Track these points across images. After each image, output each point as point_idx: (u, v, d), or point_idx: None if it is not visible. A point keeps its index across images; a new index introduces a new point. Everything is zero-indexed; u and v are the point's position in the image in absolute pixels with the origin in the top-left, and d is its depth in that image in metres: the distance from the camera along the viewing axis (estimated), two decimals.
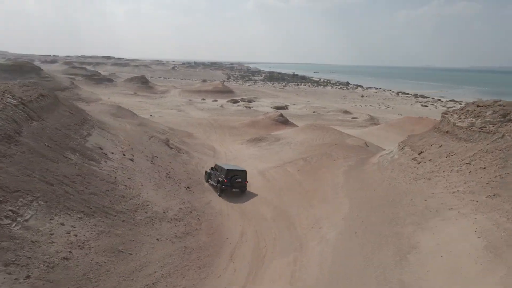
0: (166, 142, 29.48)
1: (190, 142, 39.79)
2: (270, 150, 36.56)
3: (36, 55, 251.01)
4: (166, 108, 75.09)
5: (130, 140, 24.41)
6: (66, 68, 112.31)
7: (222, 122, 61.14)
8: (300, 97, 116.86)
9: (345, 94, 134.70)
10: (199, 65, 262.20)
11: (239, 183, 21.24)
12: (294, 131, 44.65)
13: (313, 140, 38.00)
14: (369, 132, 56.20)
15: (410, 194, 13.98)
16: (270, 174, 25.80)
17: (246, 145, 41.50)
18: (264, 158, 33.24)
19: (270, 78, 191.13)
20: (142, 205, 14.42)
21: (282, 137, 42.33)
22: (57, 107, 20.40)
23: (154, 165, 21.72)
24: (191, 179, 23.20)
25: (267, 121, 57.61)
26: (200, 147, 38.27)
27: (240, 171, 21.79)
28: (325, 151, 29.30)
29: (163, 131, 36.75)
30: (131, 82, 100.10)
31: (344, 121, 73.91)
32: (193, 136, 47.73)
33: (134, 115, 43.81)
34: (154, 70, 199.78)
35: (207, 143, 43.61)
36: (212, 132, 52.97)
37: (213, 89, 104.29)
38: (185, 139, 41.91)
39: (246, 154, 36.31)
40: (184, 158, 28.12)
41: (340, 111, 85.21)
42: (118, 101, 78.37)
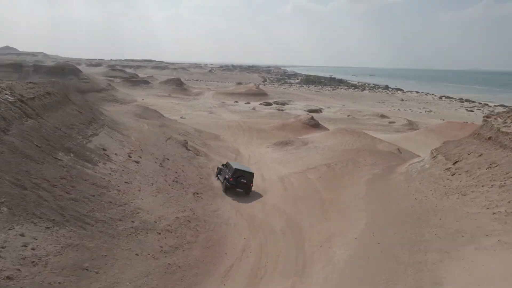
0: (184, 144, 28.27)
1: (213, 144, 38.54)
2: (295, 155, 34.48)
3: (84, 59, 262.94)
4: (198, 110, 74.79)
5: (143, 141, 23.33)
6: (106, 71, 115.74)
7: (251, 124, 59.69)
8: (335, 101, 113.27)
9: (383, 98, 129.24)
10: (236, 68, 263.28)
11: (244, 184, 21.18)
12: (324, 135, 42.24)
13: (342, 145, 35.49)
14: (406, 137, 52.49)
15: (439, 212, 11.57)
16: (290, 181, 23.80)
17: (271, 149, 39.65)
18: (287, 163, 31.25)
19: (306, 81, 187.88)
20: (131, 213, 13.00)
21: (310, 141, 40.09)
22: (64, 105, 19.62)
23: (162, 168, 20.42)
24: (202, 184, 21.70)
25: (297, 124, 55.43)
26: (223, 149, 36.88)
27: (247, 172, 21.53)
28: (352, 157, 26.86)
29: (185, 133, 35.73)
30: (166, 84, 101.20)
31: (380, 126, 70.19)
32: (219, 138, 46.54)
33: (160, 116, 43.28)
34: (192, 73, 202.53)
35: (232, 145, 42.23)
36: (240, 134, 51.59)
37: (246, 91, 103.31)
38: (209, 141, 40.75)
39: (270, 158, 34.47)
40: (201, 161, 26.74)
41: (376, 115, 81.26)
42: (152, 103, 79.15)
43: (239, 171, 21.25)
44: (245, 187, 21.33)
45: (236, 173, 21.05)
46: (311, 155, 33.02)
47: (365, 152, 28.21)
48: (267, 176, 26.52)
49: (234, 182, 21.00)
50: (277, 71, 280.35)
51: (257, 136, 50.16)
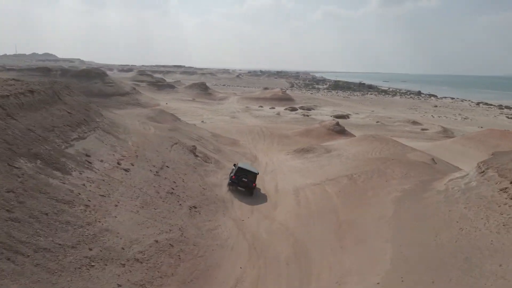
0: (192, 150, 25.67)
1: (229, 150, 35.84)
2: (315, 163, 31.16)
3: (116, 64, 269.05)
4: (221, 115, 72.60)
5: (142, 146, 20.87)
6: (134, 75, 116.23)
7: (274, 130, 56.71)
8: (364, 106, 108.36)
9: (415, 104, 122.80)
10: (263, 74, 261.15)
11: (245, 183, 21.00)
12: (349, 142, 38.61)
13: (368, 153, 31.83)
14: (440, 145, 47.79)
15: (498, 253, 8.21)
16: (305, 194, 20.60)
17: (291, 156, 36.49)
18: (306, 172, 28.01)
19: (334, 87, 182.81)
20: (93, 237, 10.33)
21: (333, 149, 36.62)
22: (50, 105, 17.42)
23: (158, 177, 17.81)
24: (204, 195, 18.92)
25: (322, 130, 51.92)
26: (238, 156, 34.09)
27: (249, 172, 21.38)
28: (379, 167, 23.32)
29: (198, 138, 33.21)
30: (191, 88, 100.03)
31: (412, 133, 65.34)
32: (238, 143, 43.88)
33: (175, 120, 41.11)
34: (219, 78, 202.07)
35: (250, 151, 39.42)
36: (261, 140, 48.74)
37: (272, 96, 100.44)
38: (225, 146, 38.12)
39: (288, 166, 31.34)
40: (209, 169, 24.01)
41: (407, 122, 76.18)
42: (175, 107, 77.80)
43: (242, 170, 21.31)
44: (246, 186, 21.07)
45: (239, 171, 21.20)
46: (332, 164, 29.62)
47: (394, 162, 24.55)
48: (281, 186, 23.47)
49: (236, 180, 21.05)
50: (305, 77, 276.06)
51: (278, 142, 47.13)
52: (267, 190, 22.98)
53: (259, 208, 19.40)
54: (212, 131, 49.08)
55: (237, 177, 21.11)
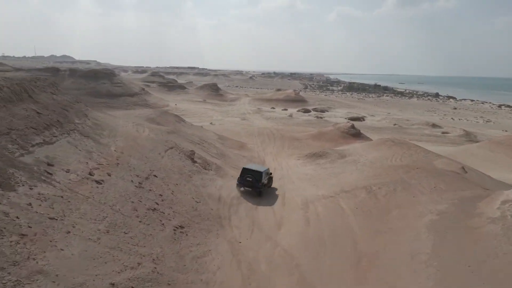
0: (190, 155, 22.71)
1: (235, 154, 32.83)
2: (328, 170, 27.84)
3: (132, 66, 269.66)
4: (231, 116, 69.72)
5: (128, 151, 18.00)
6: (145, 76, 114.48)
7: (285, 132, 53.51)
8: (380, 108, 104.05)
9: (433, 106, 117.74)
10: (277, 75, 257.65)
11: (250, 182, 20.23)
12: (365, 146, 35.12)
13: (388, 160, 28.36)
14: (466, 150, 43.77)
15: None
16: (315, 209, 17.38)
17: (302, 161, 33.24)
18: (317, 180, 24.75)
19: (349, 89, 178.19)
20: (15, 284, 7.36)
21: (348, 153, 33.22)
22: (13, 103, 14.66)
23: (140, 189, 14.87)
24: (197, 210, 15.90)
25: (335, 133, 48.43)
26: (244, 161, 31.01)
27: (254, 171, 20.55)
28: (402, 177, 19.93)
29: (200, 141, 30.26)
30: (201, 89, 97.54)
31: (432, 136, 61.19)
32: (245, 147, 40.86)
33: (179, 122, 38.29)
34: (232, 79, 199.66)
35: (259, 155, 36.33)
36: (271, 143, 45.60)
37: (284, 97, 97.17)
38: (231, 150, 35.14)
39: (298, 173, 28.10)
40: (208, 177, 21.00)
41: (426, 125, 71.87)
42: (184, 108, 75.30)
43: (246, 170, 20.69)
44: (252, 185, 20.21)
45: (243, 172, 20.67)
46: (348, 172, 26.25)
47: (419, 172, 21.08)
48: (289, 198, 20.29)
49: (241, 181, 20.52)
50: (319, 78, 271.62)
51: (289, 146, 43.89)
52: (273, 201, 19.86)
53: (262, 225, 16.29)
54: (219, 133, 46.23)
55: (241, 178, 20.53)
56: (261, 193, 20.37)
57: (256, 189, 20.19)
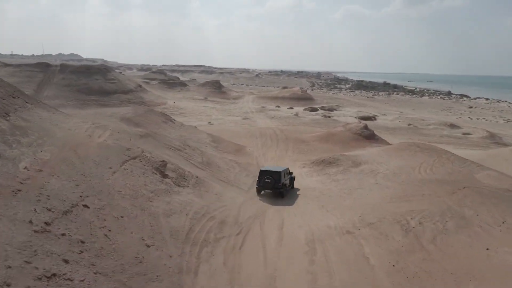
0: (159, 167, 16.95)
1: (228, 161, 27.03)
2: (341, 183, 21.90)
3: (138, 64, 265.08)
4: (232, 115, 63.94)
5: (55, 168, 12.28)
6: (146, 73, 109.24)
7: (290, 133, 47.60)
8: (391, 107, 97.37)
9: (447, 105, 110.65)
10: (284, 73, 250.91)
11: (269, 183, 19.16)
12: (384, 152, 29.06)
13: (415, 171, 22.37)
14: (497, 155, 37.31)
15: None
16: (324, 254, 11.51)
17: (308, 169, 27.35)
18: (327, 199, 18.83)
19: (358, 87, 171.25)
20: None
21: (363, 161, 27.23)
22: None
23: (43, 235, 9.11)
24: (142, 263, 10.11)
25: (346, 135, 42.29)
26: (239, 170, 25.23)
27: (273, 172, 19.43)
28: (447, 202, 14.00)
29: (181, 146, 24.43)
30: (203, 87, 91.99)
31: (452, 138, 54.69)
32: (243, 151, 35.07)
33: (165, 122, 32.55)
34: (238, 77, 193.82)
35: (257, 162, 30.52)
36: (273, 145, 39.77)
37: (290, 95, 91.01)
38: (225, 156, 29.37)
39: (303, 187, 22.21)
40: (178, 200, 15.23)
41: (444, 125, 65.20)
42: (183, 106, 69.71)
43: (264, 172, 19.71)
44: (273, 187, 19.24)
45: (261, 174, 19.75)
46: (366, 187, 20.30)
47: (469, 193, 15.07)
48: (288, 230, 14.43)
49: (261, 184, 19.58)
50: (327, 77, 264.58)
51: (294, 149, 38.02)
52: (266, 235, 14.05)
53: (244, 285, 10.42)
54: (216, 134, 40.59)
55: (260, 180, 19.57)
56: (283, 193, 19.43)
57: (277, 190, 19.22)
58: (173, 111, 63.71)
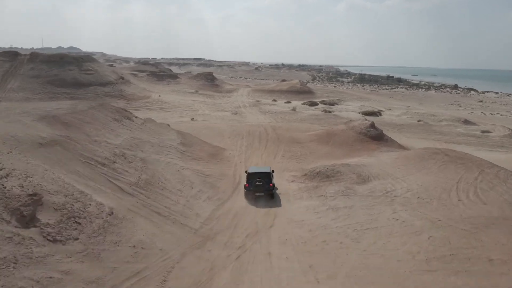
0: (19, 209, 9.57)
1: (185, 175, 19.55)
2: (342, 216, 14.47)
3: (136, 58, 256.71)
4: (220, 110, 56.27)
5: None
6: (136, 65, 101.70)
7: (283, 131, 40.06)
8: (396, 101, 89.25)
9: (456, 99, 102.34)
10: (284, 67, 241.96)
11: (260, 186, 17.94)
12: (400, 161, 21.53)
13: (451, 194, 14.97)
14: None
15: None
16: None
17: (298, 185, 19.89)
18: (319, 253, 11.42)
19: (360, 80, 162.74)
20: None
21: (373, 174, 19.76)
22: None
23: None
24: None
25: (349, 135, 34.65)
26: (199, 190, 17.83)
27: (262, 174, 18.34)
28: None
29: (114, 156, 16.93)
30: (195, 79, 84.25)
31: (471, 137, 46.78)
32: (220, 155, 27.67)
33: (118, 120, 25.04)
34: (237, 70, 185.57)
35: (234, 173, 23.11)
36: (261, 148, 32.34)
37: (288, 89, 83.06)
38: (190, 164, 21.99)
39: (287, 219, 14.81)
40: (40, 278, 7.97)
41: (458, 121, 57.21)
42: (168, 100, 62.04)
43: (253, 175, 18.30)
44: (264, 189, 17.90)
45: (250, 177, 18.30)
46: (380, 227, 12.88)
47: None
48: None
49: (250, 187, 18.02)
50: (329, 70, 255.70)
51: (285, 152, 30.57)
52: None
53: None
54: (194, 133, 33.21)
55: (250, 184, 18.03)
56: (273, 195, 18.33)
57: (267, 191, 18.09)
58: (155, 105, 56.30)
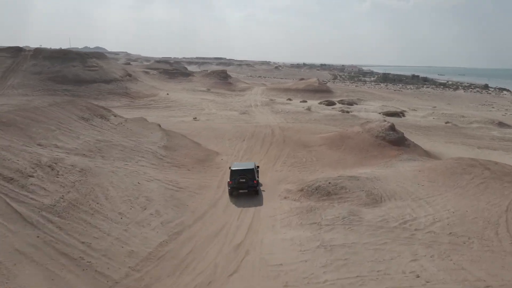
0: None
1: (144, 190, 15.50)
2: (337, 261, 9.97)
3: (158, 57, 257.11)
4: (228, 110, 52.10)
5: None
6: (151, 63, 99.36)
7: (292, 133, 35.56)
8: (422, 101, 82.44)
9: (487, 99, 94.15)
10: (306, 66, 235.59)
11: (244, 183, 17.56)
12: (424, 176, 16.63)
13: (499, 231, 10.26)
14: None
15: None
16: None
17: (290, 205, 15.50)
18: None
19: (384, 79, 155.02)
20: None
21: (388, 192, 14.99)
22: None
23: None
24: None
25: (365, 138, 29.76)
26: (163, 207, 13.75)
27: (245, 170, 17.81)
28: None
29: (27, 172, 13.05)
30: (208, 77, 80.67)
31: (507, 141, 40.55)
32: (210, 162, 23.68)
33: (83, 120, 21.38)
34: (257, 69, 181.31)
35: (221, 183, 18.96)
36: (261, 152, 28.10)
37: (305, 87, 78.00)
38: (164, 173, 18.00)
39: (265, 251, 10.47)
40: None
41: (491, 123, 50.62)
42: (175, 98, 58.48)
43: (236, 172, 17.72)
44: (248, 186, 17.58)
45: (233, 174, 17.70)
46: (394, 285, 8.40)
47: None
48: None
49: (234, 185, 17.59)
50: (351, 69, 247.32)
51: (287, 159, 26.21)
52: None
53: None
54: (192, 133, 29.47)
55: (234, 181, 17.50)
56: (258, 191, 17.89)
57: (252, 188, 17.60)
58: (160, 104, 52.82)
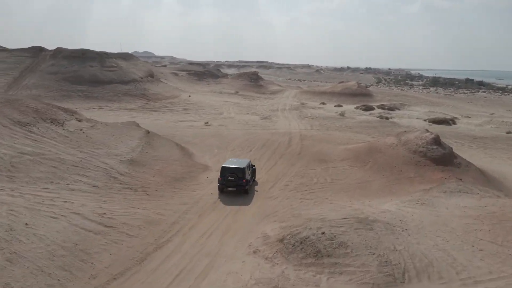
0: None
1: (67, 224, 10.33)
2: None
3: (201, 61, 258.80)
4: (250, 114, 46.47)
5: None
6: (182, 65, 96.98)
7: (312, 143, 29.22)
8: (477, 107, 71.28)
9: None
10: (349, 69, 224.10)
11: (232, 181, 17.15)
12: (487, 234, 10.02)
13: None
14: None
15: None
16: None
17: (254, 274, 9.54)
18: None
19: (433, 83, 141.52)
20: None
21: (416, 262, 8.88)
22: None
23: None
24: None
25: (399, 153, 22.67)
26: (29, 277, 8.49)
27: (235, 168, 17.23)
28: None
29: None
30: (238, 79, 75.80)
31: None
32: (190, 181, 18.57)
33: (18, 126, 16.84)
34: (297, 72, 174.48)
35: (185, 215, 13.41)
36: (266, 168, 22.32)
37: (341, 90, 70.43)
38: (89, 203, 12.88)
39: None
40: None
41: None
42: (197, 100, 53.93)
43: (226, 169, 17.31)
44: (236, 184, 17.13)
45: (223, 171, 17.30)
46: None
47: None
48: None
49: (223, 182, 17.19)
50: (398, 73, 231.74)
51: (294, 178, 20.43)
52: None
53: None
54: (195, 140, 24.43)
55: (223, 178, 17.12)
56: (247, 190, 17.42)
57: (241, 187, 17.13)
58: (177, 106, 48.54)
